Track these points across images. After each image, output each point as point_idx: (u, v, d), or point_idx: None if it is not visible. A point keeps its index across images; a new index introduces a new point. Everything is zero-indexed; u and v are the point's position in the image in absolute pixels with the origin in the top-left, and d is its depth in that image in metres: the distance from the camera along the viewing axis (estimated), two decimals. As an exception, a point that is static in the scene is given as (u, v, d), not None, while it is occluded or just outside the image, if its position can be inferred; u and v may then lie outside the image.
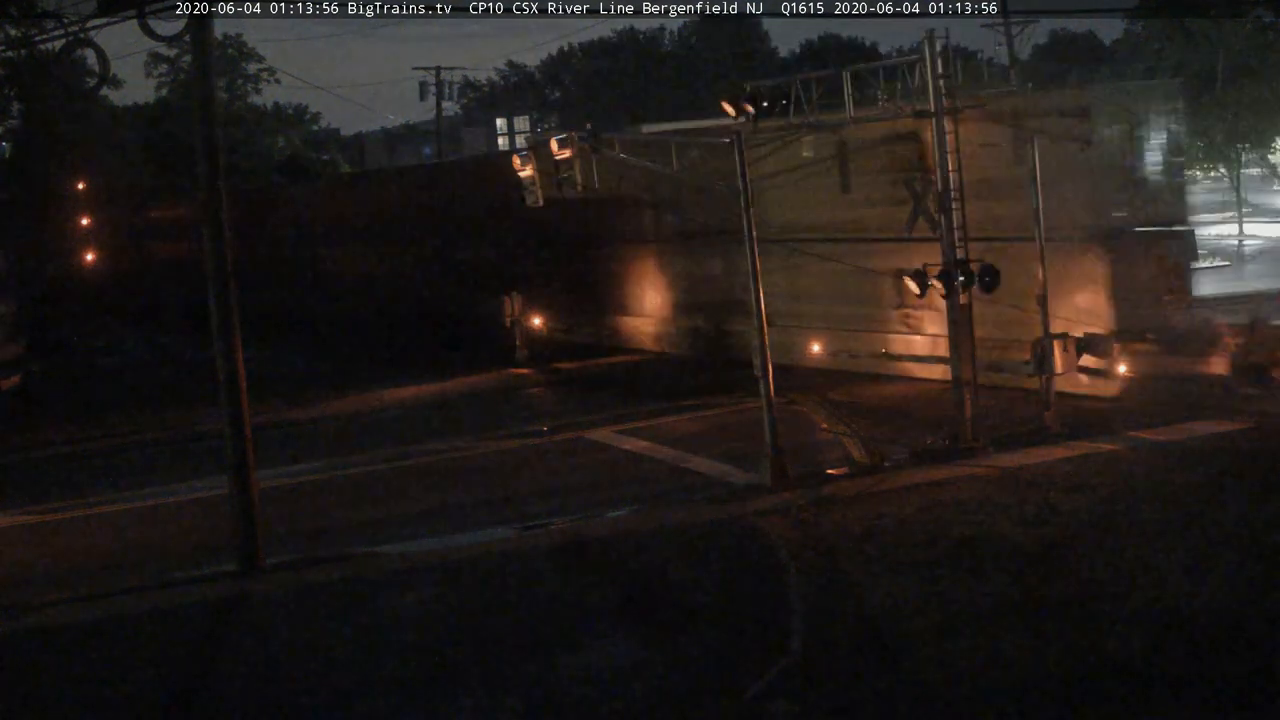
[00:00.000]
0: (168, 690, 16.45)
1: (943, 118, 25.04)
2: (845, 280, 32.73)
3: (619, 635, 16.85)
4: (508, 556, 20.83)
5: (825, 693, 14.52)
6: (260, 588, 20.13)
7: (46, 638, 18.50)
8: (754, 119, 25.18)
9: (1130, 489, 21.17)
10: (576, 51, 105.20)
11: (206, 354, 22.76)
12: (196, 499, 26.07)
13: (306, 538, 22.77)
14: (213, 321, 20.98)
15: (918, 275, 25.21)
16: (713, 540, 20.68)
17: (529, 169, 29.61)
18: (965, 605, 16.59)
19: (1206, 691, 13.74)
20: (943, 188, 25.05)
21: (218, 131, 21.06)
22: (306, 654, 17.19)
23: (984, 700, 13.98)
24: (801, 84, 27.46)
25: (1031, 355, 25.41)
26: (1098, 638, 15.20)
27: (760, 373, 23.76)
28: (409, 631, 17.65)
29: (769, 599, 17.84)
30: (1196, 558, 17.59)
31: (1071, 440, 24.34)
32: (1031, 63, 70.58)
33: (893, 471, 23.74)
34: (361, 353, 46.84)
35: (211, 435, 26.97)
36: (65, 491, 28.08)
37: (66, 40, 21.30)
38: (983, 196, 27.50)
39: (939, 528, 19.85)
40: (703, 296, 39.18)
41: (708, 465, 25.79)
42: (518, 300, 41.69)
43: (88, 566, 22.15)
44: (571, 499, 24.14)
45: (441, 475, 27.38)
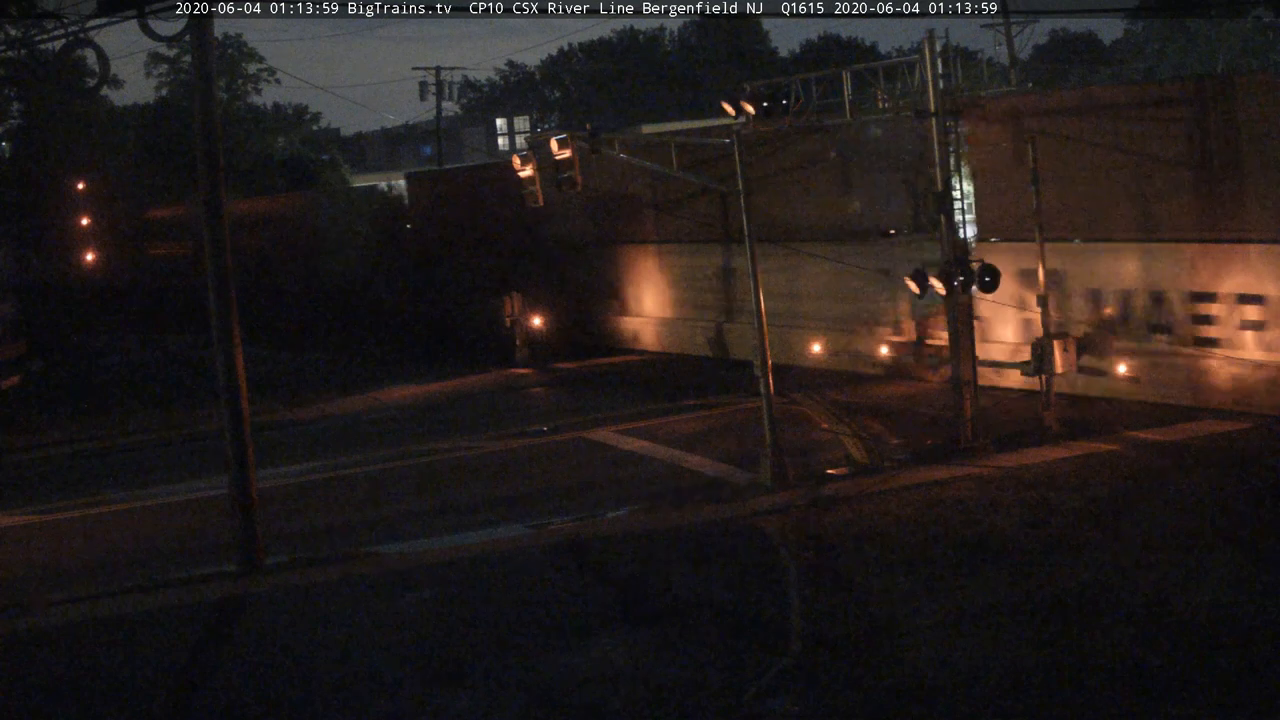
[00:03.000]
0: (168, 690, 16.46)
1: (943, 118, 25.04)
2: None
3: (619, 635, 16.85)
4: (508, 556, 20.84)
5: (825, 693, 14.52)
6: (260, 588, 20.14)
7: (46, 638, 18.51)
8: (754, 119, 25.21)
9: (1130, 489, 21.18)
10: (576, 51, 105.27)
11: (207, 354, 22.77)
12: (196, 499, 26.08)
13: (306, 538, 22.78)
14: (213, 321, 20.99)
15: (917, 275, 25.19)
16: (713, 540, 20.69)
17: (529, 169, 29.62)
18: (965, 605, 16.59)
19: (1206, 691, 13.74)
20: (943, 188, 25.04)
21: (218, 131, 21.07)
22: (306, 654, 17.20)
23: (984, 700, 13.98)
24: (801, 84, 27.45)
25: (1031, 355, 25.42)
26: (1097, 637, 15.21)
27: (760, 372, 23.76)
28: (409, 631, 17.65)
29: (769, 599, 17.85)
30: (1196, 558, 17.60)
31: (1071, 440, 24.36)
32: (1032, 62, 70.57)
33: (893, 471, 23.75)
34: (362, 353, 46.86)
35: (211, 435, 26.97)
36: (66, 491, 28.09)
37: (66, 40, 21.28)
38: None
39: (939, 528, 19.85)
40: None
41: (708, 465, 25.78)
42: (518, 300, 41.70)
43: (88, 566, 22.16)
44: (572, 499, 24.14)
45: (441, 475, 27.39)
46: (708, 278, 38.88)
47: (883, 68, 28.23)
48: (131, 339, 58.86)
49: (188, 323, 49.84)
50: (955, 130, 25.40)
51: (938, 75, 25.05)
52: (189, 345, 51.07)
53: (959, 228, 27.35)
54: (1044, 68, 73.81)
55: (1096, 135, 27.68)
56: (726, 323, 38.02)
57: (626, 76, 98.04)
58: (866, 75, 28.23)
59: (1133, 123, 27.18)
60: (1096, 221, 28.05)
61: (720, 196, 35.21)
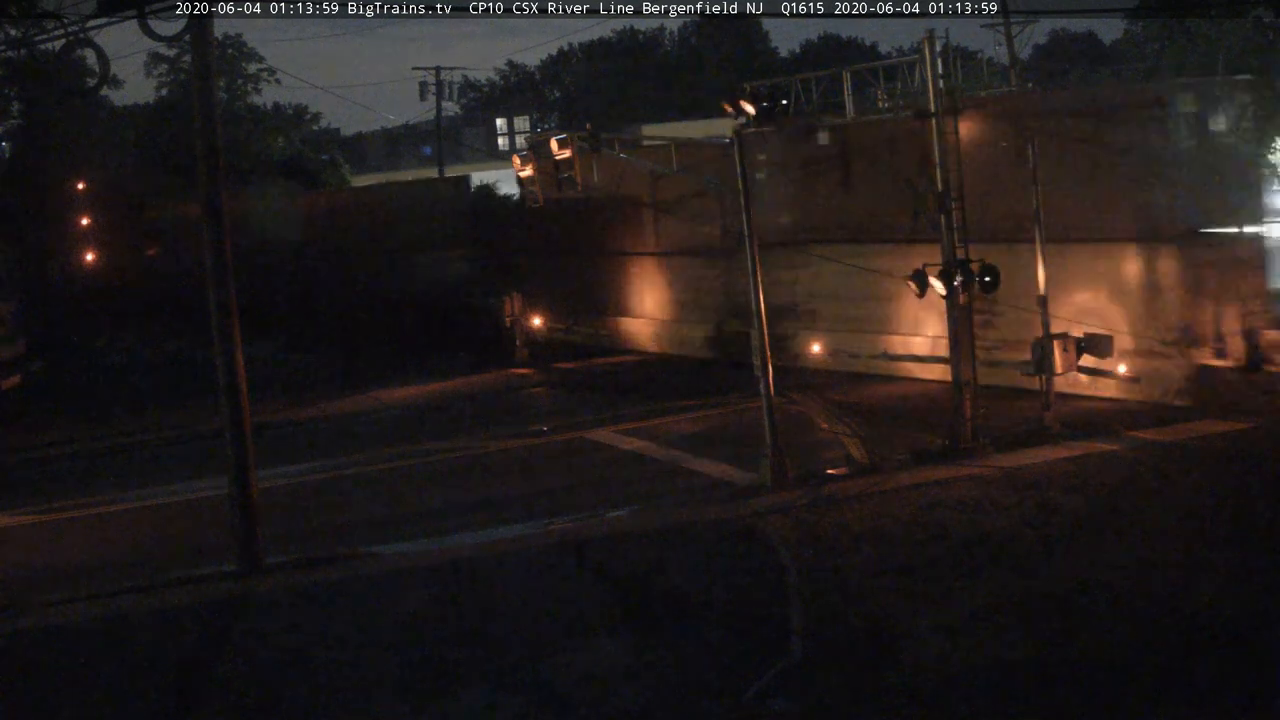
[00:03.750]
0: (168, 690, 16.46)
1: (942, 117, 25.05)
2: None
3: (619, 635, 16.85)
4: (508, 556, 20.83)
5: (825, 693, 14.52)
6: (260, 588, 20.13)
7: (46, 638, 18.50)
8: (754, 119, 25.23)
9: (1130, 489, 21.19)
10: (576, 52, 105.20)
11: (207, 353, 22.76)
12: (197, 499, 26.07)
13: (306, 538, 22.77)
14: (213, 321, 20.98)
15: (917, 275, 25.19)
16: (713, 540, 20.69)
17: (529, 169, 29.62)
18: (965, 605, 16.59)
19: (1206, 691, 13.75)
20: (943, 188, 25.05)
21: (218, 131, 21.06)
22: (306, 654, 17.19)
23: (984, 700, 13.98)
24: (801, 84, 27.47)
25: (1031, 355, 25.44)
26: (1098, 637, 15.21)
27: (760, 372, 23.76)
28: (409, 631, 17.65)
29: (769, 599, 17.84)
30: (1196, 557, 17.61)
31: (1071, 440, 24.36)
32: (1032, 62, 70.57)
33: (893, 471, 23.75)
34: (363, 352, 46.83)
35: (212, 435, 26.96)
36: (66, 491, 28.08)
37: (66, 40, 21.25)
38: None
39: (939, 528, 19.86)
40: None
41: (708, 465, 25.79)
42: (518, 300, 41.67)
43: (88, 566, 22.15)
44: (571, 499, 24.14)
45: (441, 475, 27.39)
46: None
47: (883, 68, 28.28)
48: (132, 339, 58.84)
49: (187, 322, 49.70)
50: (955, 129, 25.36)
51: (938, 75, 25.08)
52: (189, 345, 51.01)
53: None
54: (1046, 67, 73.79)
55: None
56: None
57: (626, 76, 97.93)
58: (867, 75, 28.28)
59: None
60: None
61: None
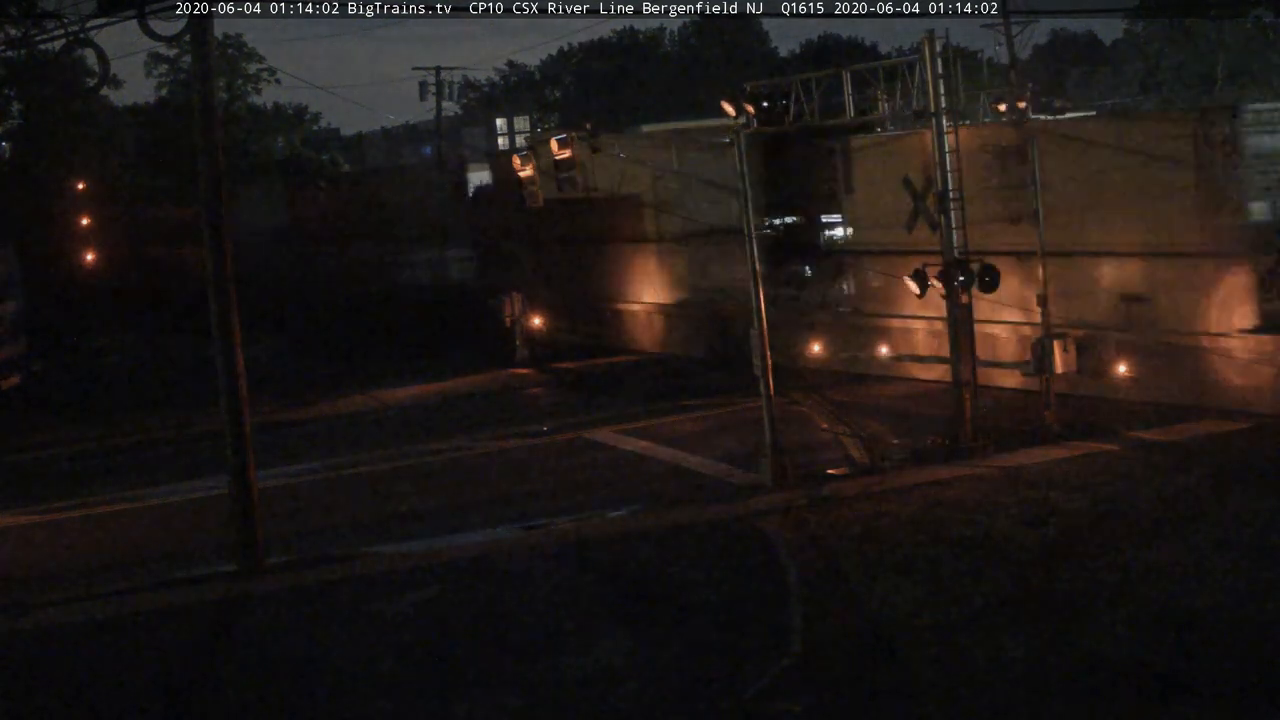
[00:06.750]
0: (168, 690, 16.46)
1: (942, 118, 25.03)
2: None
3: (619, 635, 16.84)
4: (508, 556, 20.83)
5: (825, 693, 14.52)
6: (260, 588, 20.12)
7: (46, 638, 18.51)
8: (754, 119, 25.21)
9: (1130, 489, 21.18)
10: (576, 51, 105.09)
11: (207, 353, 22.77)
12: (196, 499, 26.07)
13: (306, 538, 22.77)
14: (213, 321, 20.98)
15: (917, 275, 25.20)
16: (713, 540, 20.68)
17: (529, 169, 29.63)
18: (965, 605, 16.59)
19: (1206, 691, 13.74)
20: (942, 188, 25.04)
21: (218, 131, 21.06)
22: (306, 654, 17.19)
23: (984, 700, 13.98)
24: (801, 84, 27.45)
25: (1032, 355, 25.45)
26: (1097, 637, 15.21)
27: (760, 372, 23.76)
28: (409, 631, 17.65)
29: (769, 599, 17.84)
30: (1196, 558, 17.60)
31: (1071, 440, 24.36)
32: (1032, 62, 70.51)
33: (893, 471, 23.75)
34: (363, 351, 46.83)
35: (211, 435, 26.97)
36: (66, 491, 28.08)
37: (66, 40, 21.28)
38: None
39: (939, 528, 19.85)
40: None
41: (708, 465, 25.79)
42: (517, 300, 41.66)
43: (88, 566, 22.15)
44: (571, 499, 24.14)
45: (441, 475, 27.38)
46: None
47: (883, 68, 28.22)
48: (132, 339, 58.84)
49: (187, 322, 49.69)
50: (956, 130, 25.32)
51: (938, 75, 25.06)
52: (189, 345, 50.99)
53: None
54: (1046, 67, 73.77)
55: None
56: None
57: (626, 76, 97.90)
58: (867, 75, 28.22)
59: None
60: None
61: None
